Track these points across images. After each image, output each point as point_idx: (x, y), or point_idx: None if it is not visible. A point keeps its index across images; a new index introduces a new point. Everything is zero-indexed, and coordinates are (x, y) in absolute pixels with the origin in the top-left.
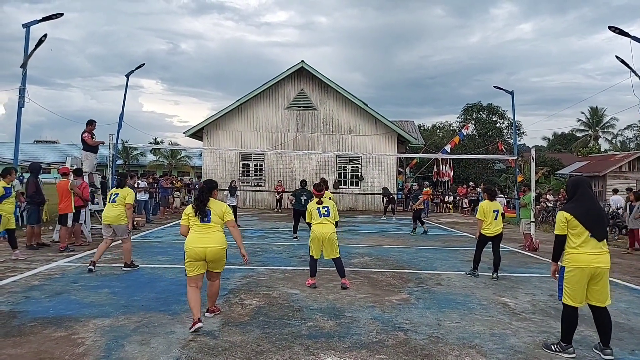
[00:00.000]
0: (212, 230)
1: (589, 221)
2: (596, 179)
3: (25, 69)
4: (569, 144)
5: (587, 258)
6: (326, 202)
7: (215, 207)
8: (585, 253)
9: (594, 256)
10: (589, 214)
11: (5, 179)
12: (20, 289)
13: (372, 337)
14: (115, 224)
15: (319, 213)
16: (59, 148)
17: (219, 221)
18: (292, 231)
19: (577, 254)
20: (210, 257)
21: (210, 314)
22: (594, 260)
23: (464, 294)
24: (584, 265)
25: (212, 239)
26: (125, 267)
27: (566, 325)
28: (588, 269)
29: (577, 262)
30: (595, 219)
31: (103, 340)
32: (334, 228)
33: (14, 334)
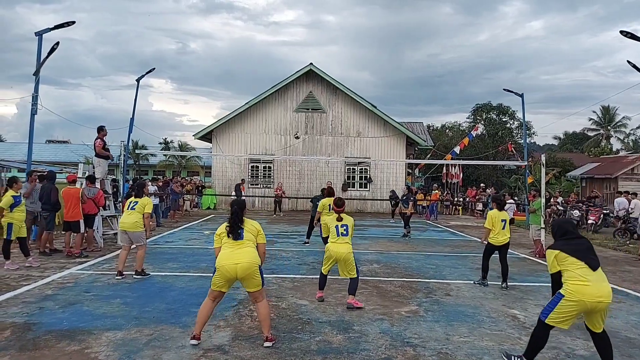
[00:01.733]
0: (244, 245)
1: (576, 252)
2: (608, 181)
3: (37, 76)
4: (581, 143)
5: (592, 291)
6: (346, 220)
7: (249, 225)
8: (590, 284)
9: (597, 288)
10: (576, 247)
11: (13, 188)
12: (34, 299)
13: (381, 352)
14: (132, 231)
15: (337, 231)
16: (70, 148)
17: (252, 238)
18: (306, 236)
19: (581, 285)
20: (241, 274)
21: (269, 343)
22: (596, 293)
23: (473, 305)
24: (587, 298)
25: (243, 254)
26: (136, 274)
27: (534, 344)
28: (590, 303)
29: (580, 295)
30: (583, 250)
31: (116, 354)
32: (350, 248)
33: (29, 348)
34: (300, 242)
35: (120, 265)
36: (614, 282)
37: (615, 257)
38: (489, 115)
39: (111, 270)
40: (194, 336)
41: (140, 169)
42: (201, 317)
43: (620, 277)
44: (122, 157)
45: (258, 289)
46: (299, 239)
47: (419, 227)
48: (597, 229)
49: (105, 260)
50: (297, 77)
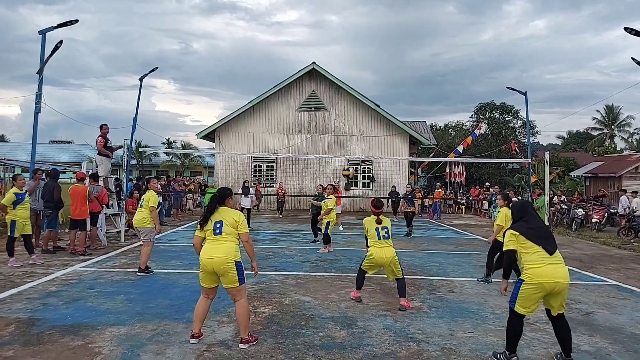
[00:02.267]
0: (223, 241)
1: (536, 235)
2: (612, 180)
3: (41, 75)
4: (584, 142)
5: (548, 272)
6: (385, 222)
7: (229, 217)
8: (546, 266)
9: (554, 271)
10: (537, 232)
11: (16, 185)
12: (38, 295)
13: (385, 348)
14: (140, 227)
15: (378, 234)
16: (73, 148)
17: (232, 232)
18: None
19: (538, 267)
20: (216, 268)
21: (244, 345)
22: (553, 275)
23: (477, 302)
24: (544, 280)
25: (219, 249)
26: (139, 272)
27: (511, 334)
28: (548, 284)
29: (538, 277)
30: (543, 235)
31: (119, 349)
32: (394, 251)
33: (33, 343)
34: (304, 241)
35: (143, 262)
36: (618, 280)
37: (619, 255)
38: (492, 115)
39: (115, 267)
40: (193, 335)
41: (144, 169)
42: (197, 315)
43: (624, 274)
44: (125, 157)
45: (234, 285)
46: (302, 237)
47: (422, 226)
48: (601, 227)
49: (109, 258)
50: (299, 76)
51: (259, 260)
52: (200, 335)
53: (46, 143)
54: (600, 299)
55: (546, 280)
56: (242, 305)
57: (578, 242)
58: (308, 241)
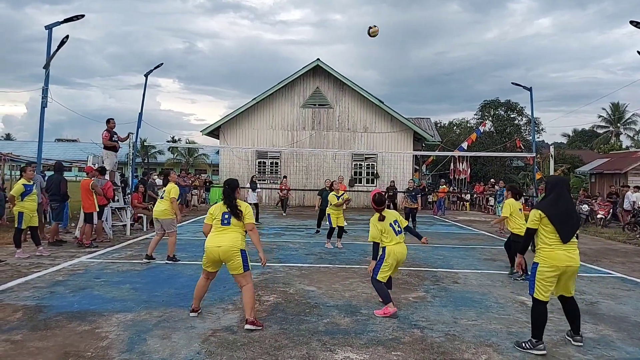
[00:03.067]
0: (228, 230)
1: (559, 222)
2: (617, 176)
3: (47, 70)
4: (590, 140)
5: (562, 256)
6: (392, 215)
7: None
8: (561, 250)
9: (568, 254)
10: (562, 215)
11: (24, 176)
12: (45, 284)
13: (389, 334)
14: (162, 218)
15: (394, 230)
16: (79, 146)
17: (239, 222)
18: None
19: (552, 251)
20: (222, 256)
21: (250, 326)
22: (568, 259)
23: (481, 292)
24: (559, 263)
25: (226, 238)
26: (168, 259)
27: (536, 321)
28: (562, 267)
29: (552, 260)
30: (567, 222)
31: (126, 334)
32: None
33: (40, 328)
34: (307, 235)
35: (150, 249)
36: (623, 272)
37: (624, 250)
38: (497, 112)
39: (121, 258)
40: (193, 309)
41: (149, 167)
42: (197, 292)
43: (630, 267)
44: (131, 153)
45: (239, 272)
46: (307, 232)
47: (426, 222)
48: (606, 223)
49: (115, 250)
50: (304, 72)
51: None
52: (198, 309)
53: (52, 141)
54: (605, 290)
55: (560, 263)
56: (248, 289)
57: (583, 237)
58: (312, 235)
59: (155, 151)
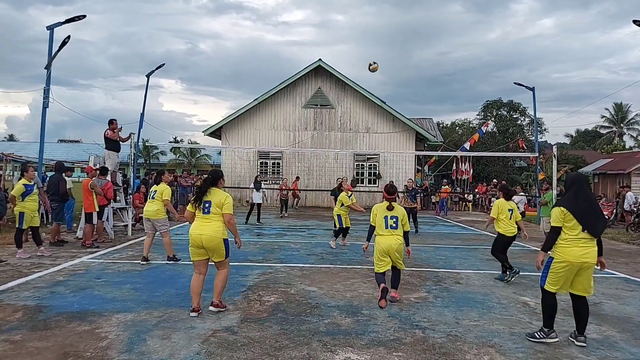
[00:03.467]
0: (211, 219)
1: (583, 217)
2: (620, 177)
3: (49, 70)
4: (593, 141)
5: (577, 252)
6: (396, 210)
7: (216, 198)
8: (577, 247)
9: (583, 251)
10: (585, 210)
11: (25, 176)
12: (45, 284)
13: (390, 334)
14: (154, 218)
15: (386, 223)
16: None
17: (218, 212)
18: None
19: (568, 247)
20: (205, 244)
21: (214, 308)
22: (583, 255)
23: (483, 292)
24: (573, 259)
25: (208, 227)
26: (169, 260)
27: (547, 311)
28: (577, 263)
29: (567, 256)
30: (591, 215)
31: (126, 334)
32: (402, 240)
33: (40, 328)
34: (309, 235)
35: (145, 251)
36: (627, 273)
37: (628, 250)
38: (500, 112)
39: (122, 259)
40: (193, 309)
41: (151, 167)
42: (193, 289)
43: (633, 268)
44: (132, 154)
45: (221, 259)
46: (308, 232)
47: (428, 222)
48: (609, 223)
49: (116, 251)
50: (305, 73)
51: (264, 253)
52: (199, 309)
53: (55, 142)
54: (608, 290)
55: (576, 260)
56: (223, 273)
57: None
58: (314, 236)
59: (157, 152)
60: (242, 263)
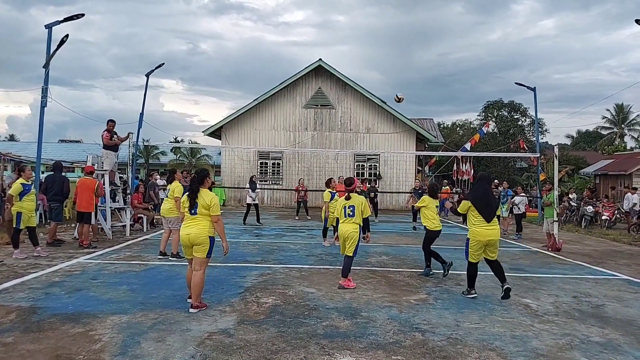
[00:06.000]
0: (198, 220)
1: (481, 206)
2: (622, 178)
3: (47, 69)
4: (594, 142)
5: (482, 232)
6: (353, 200)
7: (202, 200)
8: (481, 228)
9: (487, 231)
10: (482, 201)
11: (22, 176)
12: (40, 285)
13: (389, 337)
14: (167, 216)
15: (345, 212)
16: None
17: (205, 212)
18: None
19: (476, 229)
20: (192, 241)
21: (194, 310)
22: (487, 235)
23: (484, 294)
24: (481, 237)
25: (195, 227)
26: (172, 256)
27: (470, 276)
28: (484, 240)
29: (477, 236)
30: (486, 204)
31: (120, 336)
32: (356, 227)
33: (33, 330)
34: (308, 236)
35: (162, 245)
36: (630, 275)
37: (630, 252)
38: (501, 113)
39: (119, 259)
40: (190, 296)
41: (151, 167)
42: (189, 282)
43: (636, 269)
44: (131, 154)
45: (202, 256)
46: (307, 233)
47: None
48: (611, 225)
49: (113, 251)
50: (306, 73)
51: (263, 254)
52: None
53: (55, 142)
54: (610, 292)
55: (482, 238)
56: (199, 275)
57: (588, 239)
58: (313, 237)
59: (157, 152)
60: (240, 264)
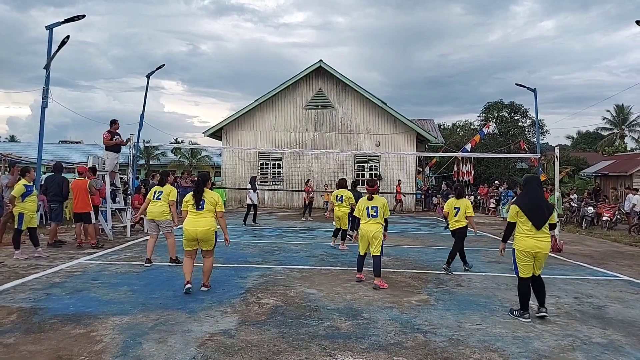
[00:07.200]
0: (204, 215)
1: (531, 212)
2: (622, 179)
3: (48, 70)
4: (594, 142)
5: (529, 243)
6: (376, 201)
7: (209, 196)
8: (529, 238)
9: (535, 241)
10: (533, 206)
11: (25, 177)
12: (41, 286)
13: (391, 338)
14: (159, 220)
15: (368, 213)
16: (82, 148)
17: (211, 208)
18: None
19: (522, 238)
20: (200, 237)
21: (204, 288)
22: (535, 246)
23: (486, 295)
24: (527, 249)
25: (203, 222)
26: (171, 262)
27: (521, 294)
28: (531, 252)
29: (522, 247)
30: (537, 211)
31: (121, 337)
32: (380, 227)
33: (34, 331)
34: (309, 237)
35: (149, 252)
36: (631, 276)
37: (631, 252)
38: (501, 114)
39: (120, 260)
40: (186, 282)
41: (151, 168)
42: (186, 269)
43: (637, 270)
44: (131, 155)
45: (210, 248)
46: (308, 233)
47: (430, 224)
48: (612, 225)
49: (114, 252)
50: (306, 74)
51: (264, 254)
52: (191, 282)
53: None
54: (612, 293)
55: (529, 249)
56: (210, 261)
57: (589, 240)
58: (314, 237)
59: (158, 153)
60: (241, 265)
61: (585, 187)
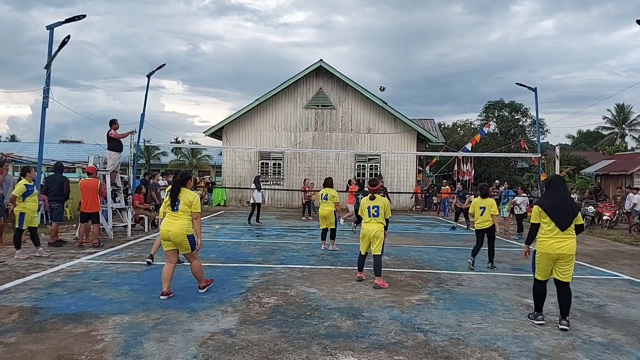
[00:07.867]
0: (177, 217)
1: (555, 213)
2: (623, 178)
3: (49, 70)
4: (595, 142)
5: (552, 244)
6: (378, 201)
7: (185, 197)
8: (552, 239)
9: (558, 243)
10: (556, 207)
11: (26, 177)
12: (42, 286)
13: (391, 337)
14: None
15: (369, 212)
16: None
17: (186, 209)
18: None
19: (545, 239)
20: (172, 239)
21: (202, 290)
22: (557, 248)
23: (486, 294)
24: (550, 250)
25: (175, 224)
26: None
27: (536, 295)
28: (553, 254)
29: (544, 248)
30: (562, 211)
31: (122, 337)
32: (381, 227)
33: (35, 330)
34: (310, 237)
35: (153, 250)
36: (631, 275)
37: (632, 252)
38: (501, 113)
39: (121, 260)
40: (163, 293)
41: (151, 168)
42: (164, 276)
43: (637, 269)
44: (131, 153)
45: (188, 251)
46: (308, 233)
47: (430, 223)
48: (612, 225)
49: (115, 251)
50: (307, 73)
51: (264, 254)
52: (169, 293)
53: (57, 143)
54: (612, 292)
55: (552, 251)
56: (195, 264)
57: (589, 239)
58: (315, 237)
59: (158, 152)
60: (242, 264)
61: (586, 187)
